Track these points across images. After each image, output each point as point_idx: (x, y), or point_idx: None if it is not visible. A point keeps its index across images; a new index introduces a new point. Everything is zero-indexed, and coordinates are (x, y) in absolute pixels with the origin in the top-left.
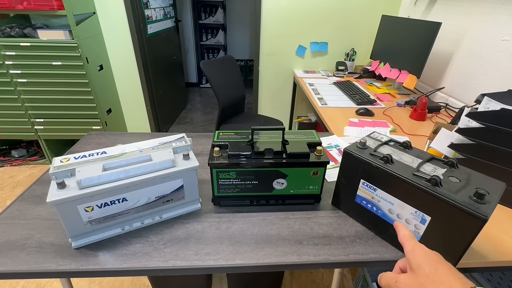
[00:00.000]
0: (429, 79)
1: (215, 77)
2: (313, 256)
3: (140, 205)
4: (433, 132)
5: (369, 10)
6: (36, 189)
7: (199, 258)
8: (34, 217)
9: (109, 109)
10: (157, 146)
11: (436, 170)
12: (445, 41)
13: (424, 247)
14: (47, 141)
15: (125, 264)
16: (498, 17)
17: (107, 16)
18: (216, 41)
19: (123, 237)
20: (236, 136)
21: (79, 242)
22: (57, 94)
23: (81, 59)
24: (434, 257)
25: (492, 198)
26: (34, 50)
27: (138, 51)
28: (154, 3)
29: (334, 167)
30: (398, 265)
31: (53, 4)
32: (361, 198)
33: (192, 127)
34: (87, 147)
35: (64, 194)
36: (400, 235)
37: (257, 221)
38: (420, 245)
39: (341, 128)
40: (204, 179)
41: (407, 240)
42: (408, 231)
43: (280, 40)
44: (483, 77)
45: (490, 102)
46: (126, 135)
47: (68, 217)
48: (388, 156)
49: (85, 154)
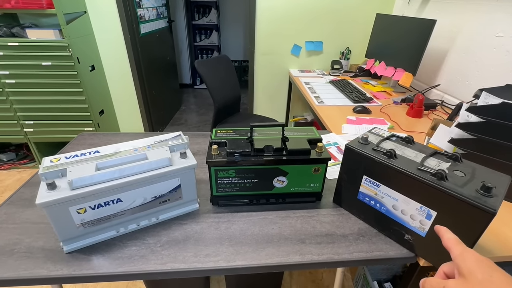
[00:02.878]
0: (425, 76)
1: (210, 77)
2: (316, 255)
3: (135, 206)
4: (431, 128)
5: (364, 9)
6: (25, 192)
7: (198, 260)
8: (23, 221)
9: (102, 110)
10: (152, 144)
11: (440, 164)
12: (440, 39)
13: (475, 252)
14: (37, 144)
15: (120, 268)
16: (492, 13)
17: (99, 15)
18: (210, 42)
19: (118, 239)
20: (234, 134)
21: (71, 246)
22: (47, 95)
23: (72, 59)
24: (487, 263)
25: (499, 192)
26: (22, 50)
27: (131, 51)
28: (147, 3)
29: (334, 164)
30: (442, 269)
31: (42, 2)
32: (364, 195)
33: (187, 128)
34: (79, 148)
35: (55, 195)
36: (445, 239)
37: (258, 220)
38: (470, 250)
39: (339, 126)
40: (202, 178)
41: (454, 244)
42: (452, 234)
43: (275, 39)
44: (478, 74)
45: (489, 96)
46: (119, 135)
47: (59, 220)
48: (391, 151)
49: (76, 154)
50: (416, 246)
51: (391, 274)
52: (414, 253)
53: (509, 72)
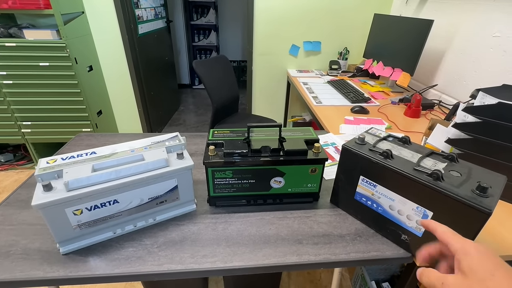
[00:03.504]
0: (422, 76)
1: (208, 77)
2: (313, 255)
3: (132, 207)
4: (429, 128)
5: (362, 9)
6: (22, 193)
7: (195, 261)
8: (19, 222)
9: (100, 111)
10: (149, 145)
11: (436, 165)
12: (437, 39)
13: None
14: (35, 145)
15: (117, 269)
16: (489, 13)
17: (96, 16)
18: (209, 42)
19: (115, 241)
20: (231, 134)
21: (67, 247)
22: (45, 96)
23: (69, 60)
24: (491, 259)
25: (495, 192)
26: (20, 51)
27: (129, 51)
28: (145, 3)
29: (331, 165)
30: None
31: (39, 3)
32: (360, 195)
33: (185, 128)
34: (76, 149)
35: (51, 197)
36: (440, 232)
37: (255, 221)
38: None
39: (337, 126)
40: (199, 179)
41: (451, 238)
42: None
43: (273, 39)
44: (476, 74)
45: (485, 97)
46: (117, 136)
47: (56, 221)
48: (388, 151)
49: (73, 155)
50: (412, 246)
51: (389, 274)
52: (411, 253)
53: (506, 72)
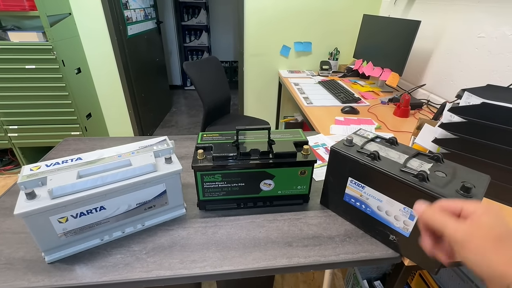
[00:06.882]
0: (411, 76)
1: (199, 79)
2: (303, 258)
3: (120, 213)
4: (417, 128)
5: (351, 10)
6: (6, 201)
7: (184, 266)
8: (3, 231)
9: (89, 114)
10: (137, 150)
11: (422, 165)
12: (425, 39)
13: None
14: (22, 149)
15: (104, 277)
16: (474, 14)
17: (84, 17)
18: (200, 43)
19: (102, 248)
20: (220, 138)
21: (53, 256)
22: (31, 99)
23: (56, 62)
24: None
25: (479, 191)
26: (5, 53)
27: (118, 53)
28: (134, 4)
29: (321, 166)
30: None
31: (24, 4)
32: (349, 197)
33: (177, 130)
34: (63, 154)
35: (34, 205)
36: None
37: (245, 224)
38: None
39: (327, 126)
40: (189, 182)
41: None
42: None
43: (264, 40)
44: (462, 73)
45: (470, 97)
46: (106, 140)
47: (40, 230)
48: (375, 152)
49: (58, 161)
50: (400, 246)
51: (381, 273)
52: (399, 253)
53: (491, 71)
